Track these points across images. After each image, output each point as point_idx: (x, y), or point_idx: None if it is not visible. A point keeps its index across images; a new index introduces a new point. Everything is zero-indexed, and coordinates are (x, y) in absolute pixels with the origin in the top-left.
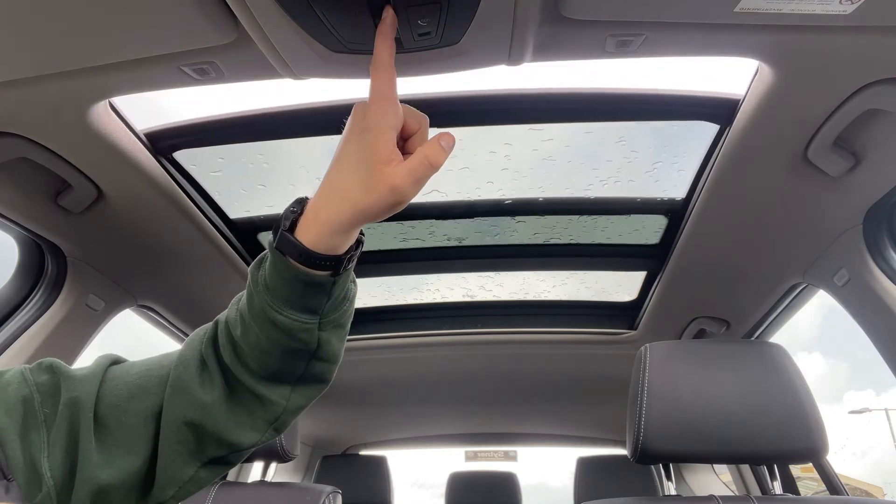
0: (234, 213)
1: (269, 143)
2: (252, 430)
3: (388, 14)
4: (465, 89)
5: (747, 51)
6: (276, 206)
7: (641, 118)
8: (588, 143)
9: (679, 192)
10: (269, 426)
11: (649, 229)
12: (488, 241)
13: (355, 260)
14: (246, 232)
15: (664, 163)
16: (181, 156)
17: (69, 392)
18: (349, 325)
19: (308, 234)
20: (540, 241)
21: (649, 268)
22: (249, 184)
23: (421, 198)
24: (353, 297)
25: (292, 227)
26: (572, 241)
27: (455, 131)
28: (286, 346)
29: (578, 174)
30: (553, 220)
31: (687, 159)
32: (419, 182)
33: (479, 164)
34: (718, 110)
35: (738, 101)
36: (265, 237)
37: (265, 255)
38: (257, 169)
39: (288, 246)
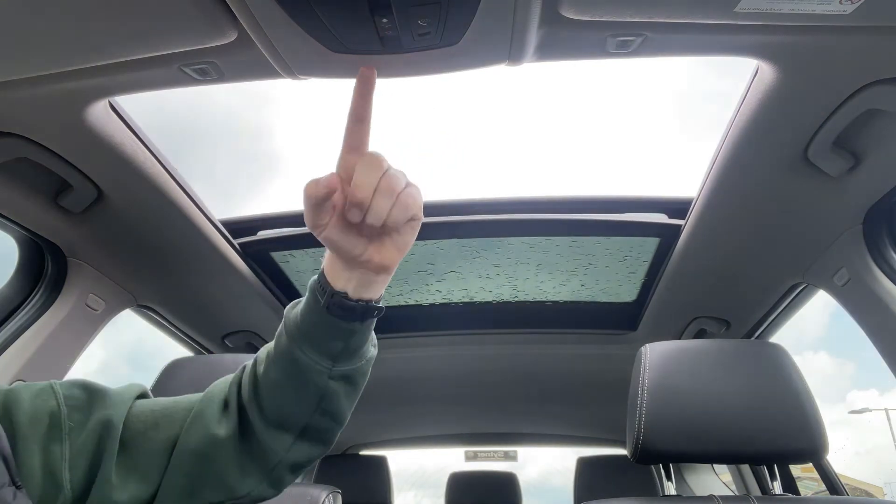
0: (234, 213)
1: None
2: (250, 477)
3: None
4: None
5: (747, 51)
6: None
7: (604, 234)
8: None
9: (680, 193)
10: (264, 477)
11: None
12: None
13: (374, 317)
14: (246, 232)
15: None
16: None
17: (103, 410)
18: (359, 392)
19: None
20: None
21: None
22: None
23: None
24: (370, 359)
25: None
26: (573, 243)
27: (470, 241)
28: (298, 387)
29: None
30: (553, 219)
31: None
32: (307, 209)
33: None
34: (664, 230)
35: (681, 226)
36: (265, 236)
37: (300, 299)
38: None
39: (321, 281)
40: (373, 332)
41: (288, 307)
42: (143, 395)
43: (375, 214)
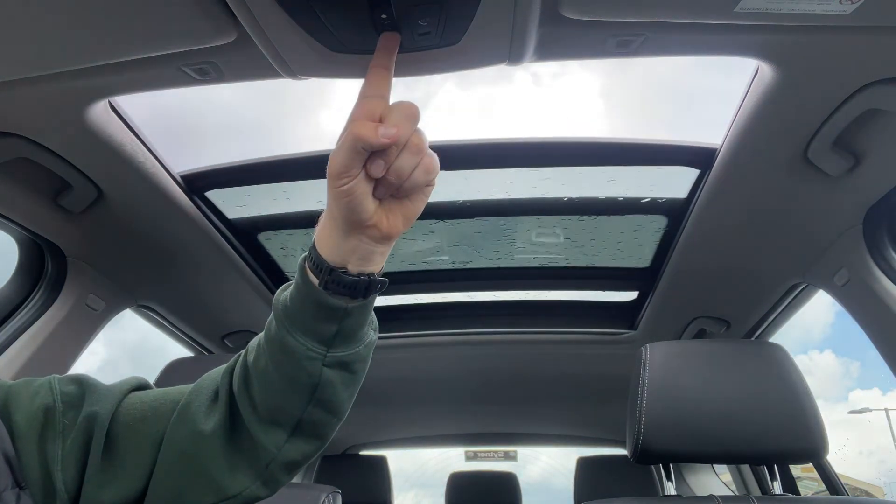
0: (233, 213)
1: (294, 184)
2: (242, 474)
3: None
4: (475, 138)
5: (747, 51)
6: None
7: (630, 164)
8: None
9: (680, 192)
10: (258, 475)
11: (650, 228)
12: (487, 263)
13: (373, 294)
14: (245, 232)
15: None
16: (212, 195)
17: (90, 405)
18: (359, 381)
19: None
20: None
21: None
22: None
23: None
24: (370, 344)
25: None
26: (572, 240)
27: (465, 173)
28: (290, 376)
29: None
30: (554, 220)
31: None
32: (345, 151)
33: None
34: (698, 157)
35: (716, 149)
36: (264, 237)
37: (291, 282)
38: (280, 204)
39: (314, 257)
40: (373, 314)
41: (278, 290)
42: (140, 388)
43: (398, 171)
